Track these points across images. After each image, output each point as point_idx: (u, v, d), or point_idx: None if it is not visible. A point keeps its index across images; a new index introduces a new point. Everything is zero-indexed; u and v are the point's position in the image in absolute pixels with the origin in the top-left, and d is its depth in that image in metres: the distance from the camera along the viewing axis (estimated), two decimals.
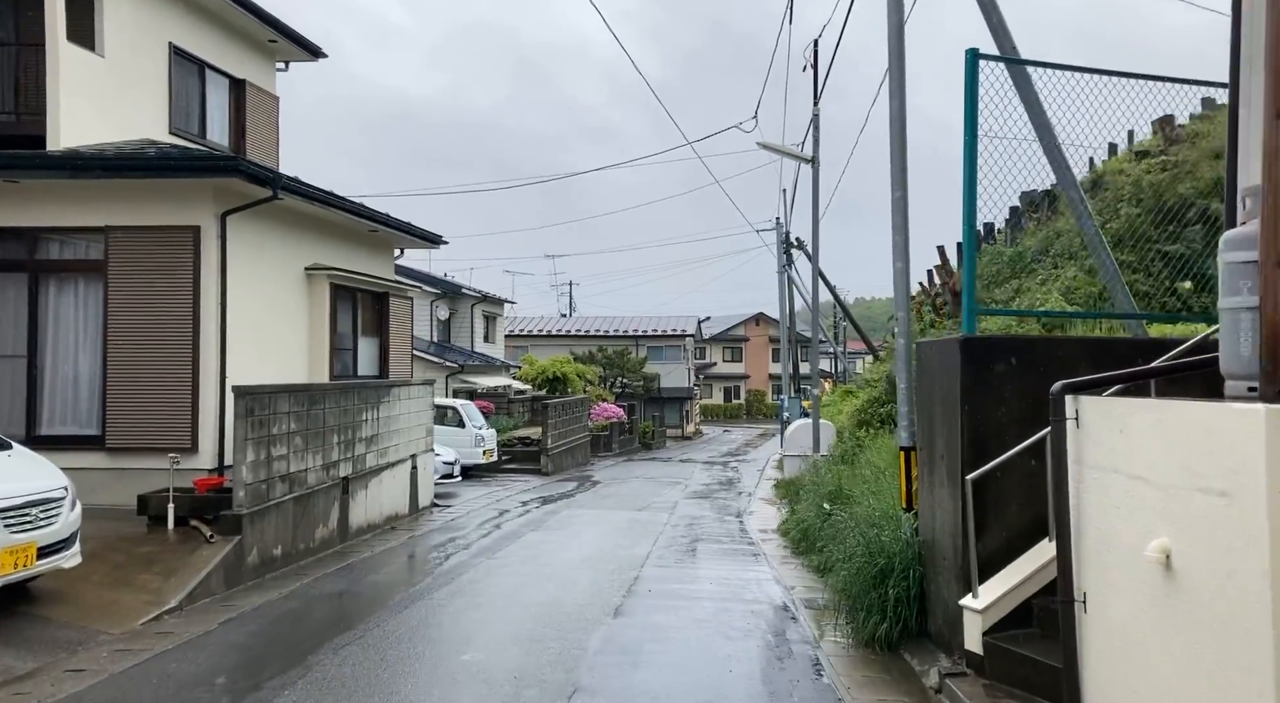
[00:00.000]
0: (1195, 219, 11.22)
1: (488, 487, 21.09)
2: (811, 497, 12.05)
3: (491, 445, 24.46)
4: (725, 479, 24.35)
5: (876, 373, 21.88)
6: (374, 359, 15.12)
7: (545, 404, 26.44)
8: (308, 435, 11.33)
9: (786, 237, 30.31)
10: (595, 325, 53.82)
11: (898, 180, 7.67)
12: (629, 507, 16.97)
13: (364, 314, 14.86)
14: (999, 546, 6.07)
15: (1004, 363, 6.20)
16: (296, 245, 13.15)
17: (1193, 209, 11.79)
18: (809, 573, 10.38)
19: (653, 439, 41.15)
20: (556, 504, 17.46)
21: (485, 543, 12.36)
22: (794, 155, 13.60)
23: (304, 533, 11.10)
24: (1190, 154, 16.46)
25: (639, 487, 21.51)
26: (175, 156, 10.63)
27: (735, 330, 77.89)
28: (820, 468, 13.27)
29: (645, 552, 11.57)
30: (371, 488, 13.45)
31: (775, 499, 19.29)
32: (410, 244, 16.64)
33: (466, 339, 38.81)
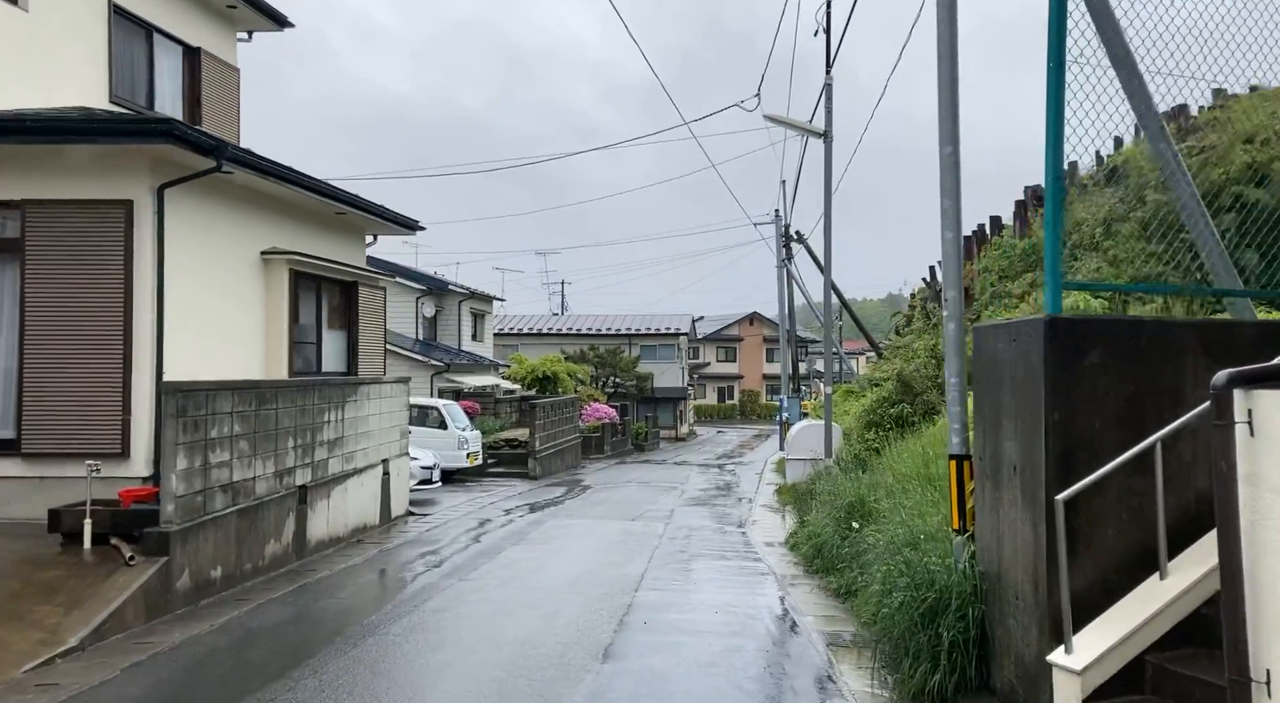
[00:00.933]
0: (1229, 206, 10.02)
1: (470, 493, 19.74)
2: (827, 508, 10.73)
3: (476, 448, 23.11)
4: (723, 484, 23.04)
5: (884, 371, 20.63)
6: (341, 354, 13.75)
7: (533, 404, 25.09)
8: (256, 439, 9.96)
9: (786, 230, 29.02)
10: (587, 324, 52.45)
11: (947, 133, 6.35)
12: (621, 516, 15.64)
13: (330, 305, 13.50)
14: (1093, 583, 4.77)
15: (1098, 351, 4.89)
16: (251, 227, 11.78)
17: (1223, 195, 10.59)
18: (828, 598, 9.07)
19: (646, 441, 39.83)
20: (543, 513, 16.12)
21: (460, 560, 11.01)
22: (804, 128, 12.34)
23: (250, 550, 9.74)
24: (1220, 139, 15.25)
25: (632, 492, 20.18)
26: (99, 119, 9.26)
27: (729, 330, 76.70)
28: (834, 475, 11.97)
29: (639, 571, 10.24)
30: (335, 497, 12.09)
31: (778, 506, 18.00)
32: (384, 230, 15.28)
33: (453, 337, 37.47)
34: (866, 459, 14.68)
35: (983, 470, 5.80)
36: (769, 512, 17.02)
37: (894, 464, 10.75)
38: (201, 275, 10.62)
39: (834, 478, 11.75)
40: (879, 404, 18.42)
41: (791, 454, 18.84)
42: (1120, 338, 4.93)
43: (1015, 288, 21.46)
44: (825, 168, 12.16)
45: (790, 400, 29.43)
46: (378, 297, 14.82)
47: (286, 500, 10.64)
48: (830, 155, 12.03)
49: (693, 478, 24.70)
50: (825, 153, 12.03)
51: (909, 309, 33.13)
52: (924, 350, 18.46)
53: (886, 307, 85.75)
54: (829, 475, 12.73)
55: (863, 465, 13.75)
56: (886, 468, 10.89)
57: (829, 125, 12.02)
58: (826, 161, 12.11)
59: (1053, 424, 4.82)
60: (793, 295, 30.13)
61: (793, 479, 18.76)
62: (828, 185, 12.21)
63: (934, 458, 9.96)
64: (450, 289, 37.03)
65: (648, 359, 48.79)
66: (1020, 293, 20.93)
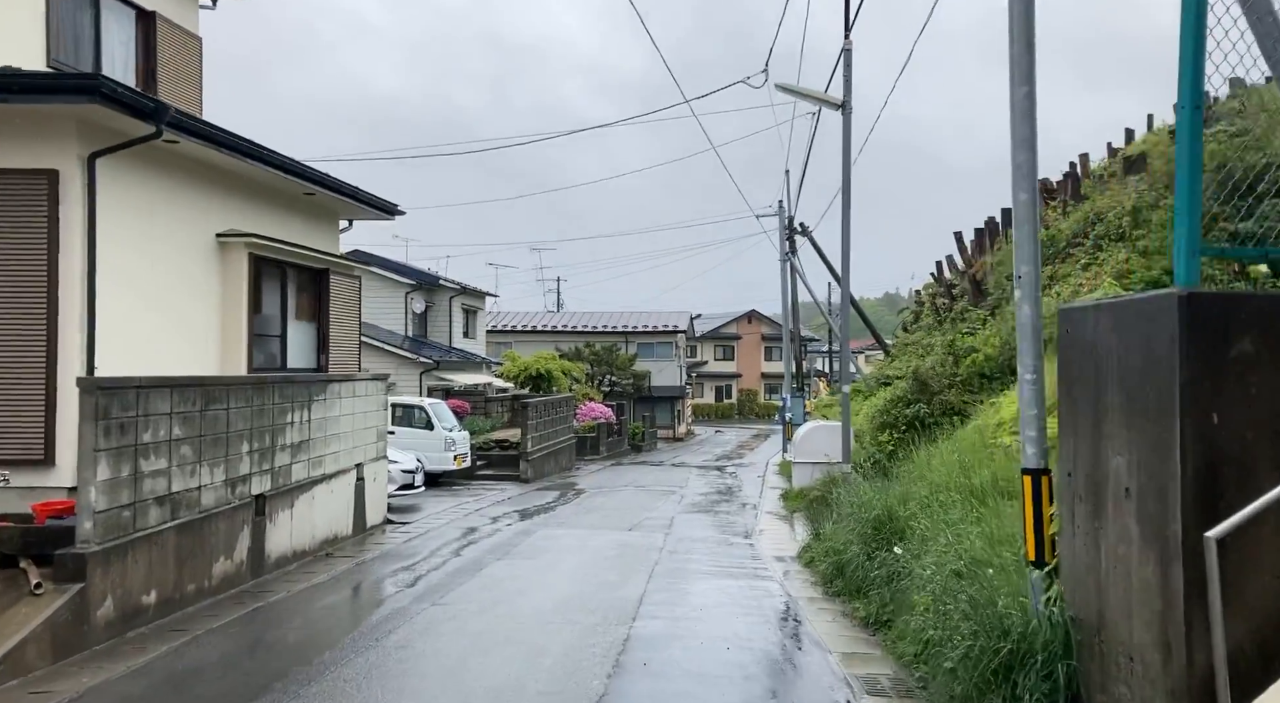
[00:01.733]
0: (1272, 191, 8.94)
1: (457, 497, 18.53)
2: (849, 522, 9.52)
3: (464, 449, 21.90)
4: (725, 488, 21.85)
5: (896, 368, 19.51)
6: (309, 348, 12.54)
7: (525, 403, 23.88)
8: (203, 443, 8.76)
9: (790, 222, 27.82)
10: (583, 321, 51.23)
11: (1022, 71, 5.14)
12: (617, 525, 14.44)
13: (297, 294, 12.29)
14: (1245, 648, 3.58)
15: (1253, 338, 3.69)
16: (206, 206, 10.57)
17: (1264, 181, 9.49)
18: (855, 629, 7.88)
19: (643, 441, 38.64)
20: (533, 521, 14.92)
21: (437, 578, 9.81)
22: (820, 98, 11.16)
23: (194, 571, 8.53)
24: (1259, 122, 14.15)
25: (629, 497, 18.99)
26: (9, 74, 8.03)
27: (727, 328, 75.58)
28: (855, 483, 10.77)
29: (638, 592, 9.05)
30: (300, 507, 10.88)
31: (785, 513, 16.83)
32: (360, 214, 14.06)
33: (444, 334, 36.31)
34: (885, 464, 13.52)
35: (1072, 490, 4.61)
36: (776, 520, 15.84)
37: (925, 472, 9.57)
38: (145, 258, 9.42)
39: (855, 487, 10.55)
40: (892, 404, 17.27)
41: (798, 457, 17.68)
42: None
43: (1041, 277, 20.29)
44: (844, 142, 10.98)
45: (793, 400, 28.24)
46: (352, 286, 13.60)
47: (240, 512, 9.43)
48: (849, 129, 10.87)
49: (692, 481, 23.51)
50: (844, 125, 10.85)
51: (916, 305, 32.00)
52: (941, 346, 17.30)
53: (884, 306, 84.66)
54: (847, 483, 11.53)
55: (884, 472, 12.59)
56: (917, 476, 9.71)
57: (848, 94, 10.84)
58: (845, 135, 10.94)
59: (1190, 434, 3.63)
60: (796, 291, 28.95)
61: (800, 484, 17.60)
62: (846, 162, 11.03)
63: (972, 465, 8.80)
64: (441, 284, 35.89)
65: (645, 357, 47.59)
66: None
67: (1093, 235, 19.51)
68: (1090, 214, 20.50)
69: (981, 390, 16.40)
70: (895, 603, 7.50)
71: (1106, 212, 19.69)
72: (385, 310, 34.67)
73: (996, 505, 7.37)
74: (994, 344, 16.35)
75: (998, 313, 18.88)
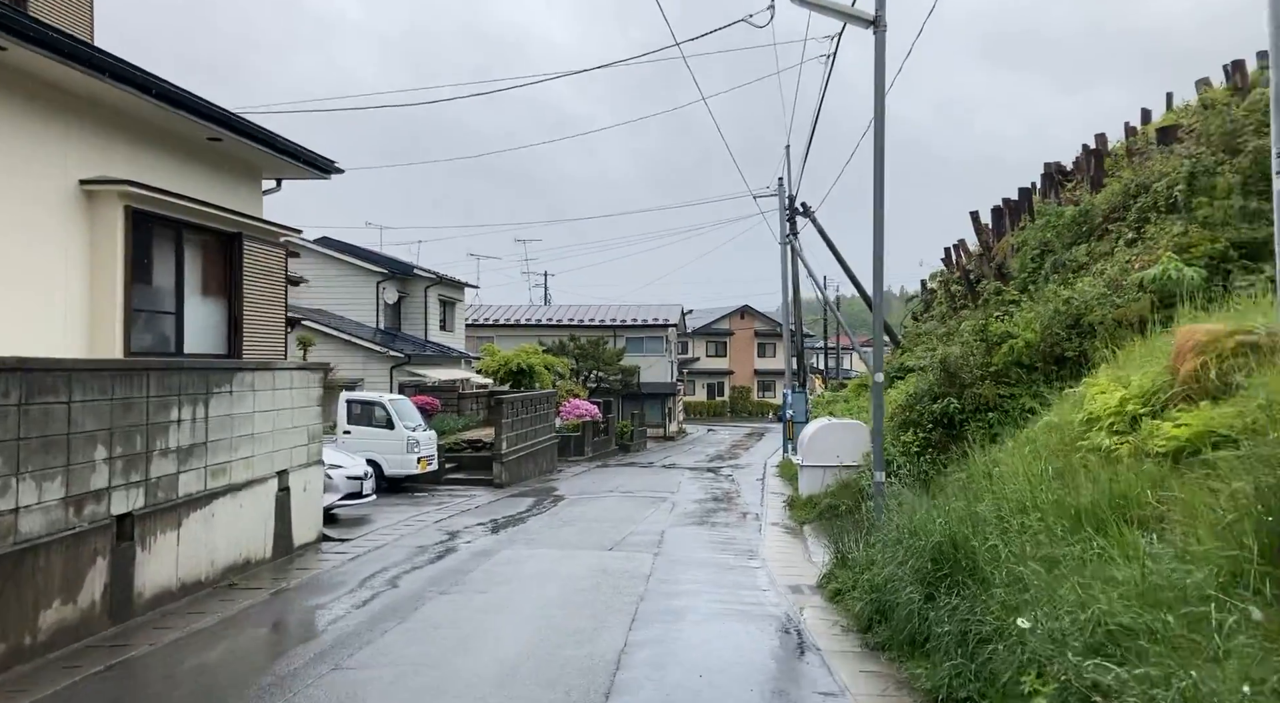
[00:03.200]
0: None
1: (418, 506, 16.24)
2: (895, 548, 7.23)
3: (430, 451, 19.59)
4: (721, 493, 19.59)
5: (916, 357, 17.31)
6: (216, 330, 10.22)
7: (499, 400, 21.57)
8: (27, 449, 6.45)
9: (791, 202, 25.56)
10: (569, 314, 48.94)
11: None
12: (597, 542, 12.17)
13: (200, 263, 9.98)
14: None
15: None
16: (62, 145, 8.26)
17: None
18: (915, 699, 5.64)
19: (631, 440, 36.36)
20: (498, 537, 12.63)
21: (355, 622, 7.53)
22: (847, 14, 8.91)
23: (11, 622, 6.23)
24: None
25: (613, 505, 16.72)
26: None
27: (719, 324, 73.51)
28: (900, 496, 8.46)
29: (616, 647, 6.77)
30: (191, 527, 8.59)
31: (793, 525, 14.61)
32: (289, 172, 11.73)
33: (419, 327, 34.04)
34: (926, 472, 11.32)
35: None
36: (784, 534, 13.60)
37: (988, 483, 7.33)
38: None
39: (899, 502, 8.27)
40: (916, 399, 15.07)
41: (807, 460, 15.46)
42: None
43: (1077, 256, 18.12)
44: (876, 70, 8.71)
45: (795, 396, 26.02)
46: (276, 258, 11.27)
47: (90, 539, 7.12)
48: (883, 53, 8.60)
49: (685, 486, 21.24)
50: (876, 49, 8.59)
51: (927, 293, 29.81)
52: (972, 331, 15.09)
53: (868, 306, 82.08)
54: (884, 495, 9.24)
55: (921, 480, 10.37)
56: (977, 488, 7.46)
57: (881, 9, 8.58)
58: (878, 60, 8.67)
59: None
60: (797, 277, 26.69)
61: (808, 490, 15.39)
62: (880, 93, 8.76)
63: (1066, 475, 6.59)
64: (416, 273, 33.62)
65: (634, 352, 45.31)
66: (1075, 269, 17.59)
67: (1135, 209, 17.38)
68: (1130, 186, 18.38)
69: (1019, 383, 14.21)
70: (980, 675, 5.26)
71: (1151, 182, 17.57)
72: (354, 301, 32.38)
73: (1121, 535, 5.16)
74: (1034, 329, 14.16)
75: (1033, 293, 16.68)
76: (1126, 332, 13.57)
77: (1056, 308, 14.30)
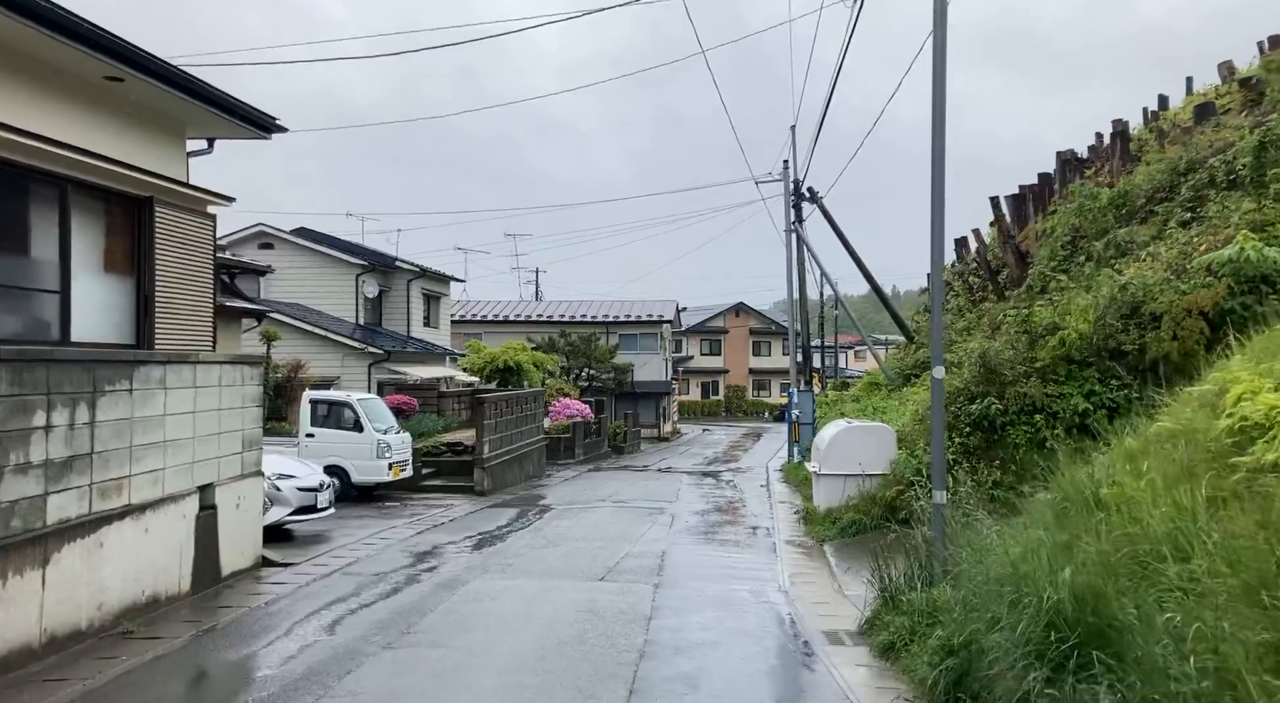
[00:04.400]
0: None
1: (386, 520, 14.39)
2: (982, 597, 5.39)
3: (403, 456, 17.74)
4: (725, 503, 17.77)
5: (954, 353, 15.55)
6: (120, 314, 8.32)
7: (481, 399, 19.70)
8: None
9: (796, 186, 23.74)
10: (561, 310, 47.07)
11: None
12: (586, 568, 10.33)
13: (95, 231, 8.08)
14: None
15: None
16: None
17: None
18: None
19: (625, 442, 34.53)
20: (471, 560, 10.79)
21: (265, 694, 5.68)
22: None
23: None
24: None
25: (605, 519, 14.88)
26: None
27: (714, 322, 71.83)
28: (981, 533, 6.59)
29: None
30: (66, 562, 6.73)
31: (810, 542, 12.83)
32: (219, 128, 9.82)
33: (402, 322, 32.18)
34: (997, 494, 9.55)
35: None
36: (803, 556, 11.80)
37: (1110, 515, 5.52)
38: None
39: (967, 529, 6.44)
40: (950, 399, 13.25)
41: (824, 468, 13.65)
42: None
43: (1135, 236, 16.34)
44: None
45: (802, 395, 24.21)
46: (202, 230, 9.38)
47: None
48: None
49: (684, 493, 19.42)
50: None
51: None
52: (1015, 321, 13.30)
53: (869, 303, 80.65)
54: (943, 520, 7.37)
55: (1007, 503, 8.59)
56: (1073, 517, 5.65)
57: None
58: None
59: None
60: (803, 266, 24.88)
61: (826, 502, 13.58)
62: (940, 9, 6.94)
63: (1212, 499, 4.80)
64: (398, 266, 31.77)
65: (627, 349, 43.49)
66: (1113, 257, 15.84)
67: (1186, 186, 15.63)
68: (1178, 164, 16.63)
69: (1069, 380, 12.44)
70: None
71: (1205, 157, 15.81)
72: (332, 295, 30.48)
73: None
74: (1088, 319, 12.39)
75: (1063, 284, 14.89)
76: (1196, 321, 11.83)
77: (1113, 295, 12.55)
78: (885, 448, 13.31)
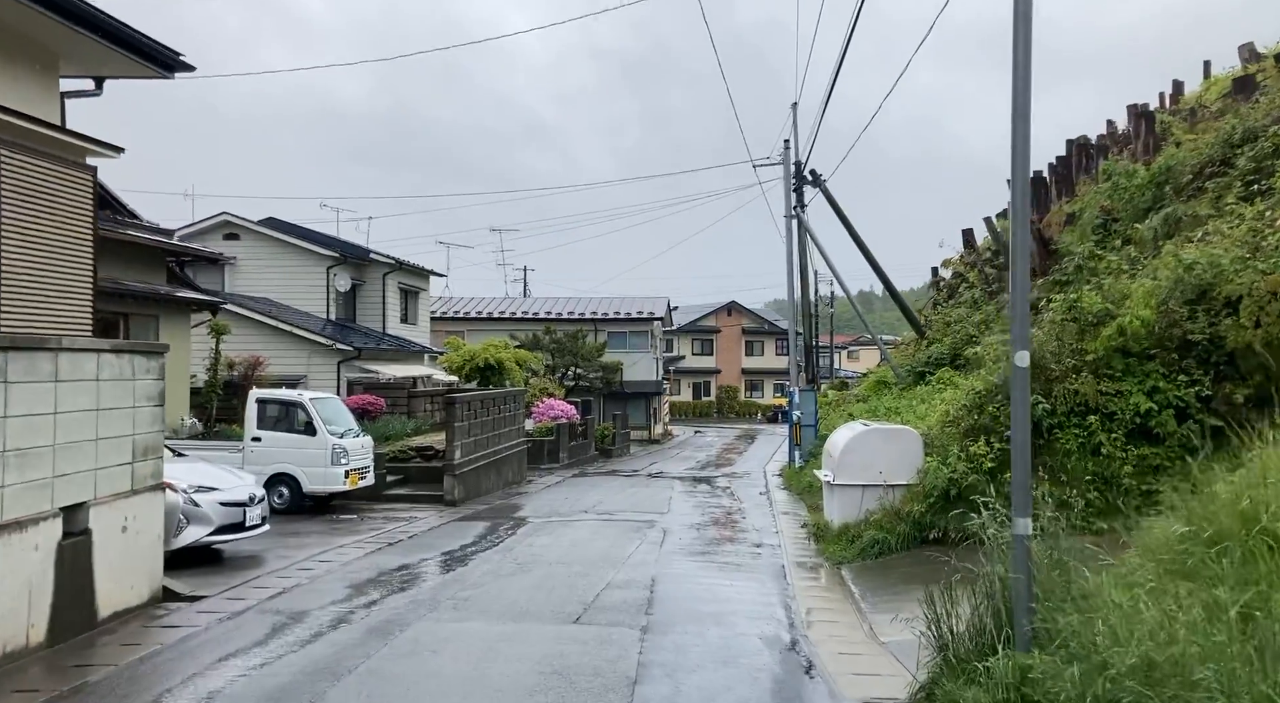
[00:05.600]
0: None
1: (335, 536, 12.54)
2: None
3: (363, 462, 15.88)
4: (722, 514, 15.94)
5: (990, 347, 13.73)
6: None
7: (452, 399, 17.83)
8: None
9: (798, 168, 21.94)
10: (547, 307, 45.21)
11: None
12: (559, 603, 8.49)
13: None
14: None
15: None
16: None
17: None
18: None
19: (613, 444, 32.68)
20: (421, 592, 8.94)
21: None
22: None
23: None
24: None
25: (587, 535, 13.04)
26: None
27: (705, 321, 70.14)
28: (1053, 561, 4.81)
29: None
30: None
31: (821, 562, 11.07)
32: (108, 63, 7.96)
33: (377, 318, 30.32)
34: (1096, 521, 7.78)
35: None
36: (819, 584, 10.00)
37: None
38: None
39: (1078, 585, 4.64)
40: (986, 397, 11.50)
41: (839, 477, 11.85)
42: None
43: (1143, 231, 14.60)
44: None
45: (804, 394, 22.40)
46: (76, 187, 7.50)
47: None
48: None
49: (676, 502, 17.60)
50: None
51: (953, 277, 26.25)
52: (1060, 307, 11.52)
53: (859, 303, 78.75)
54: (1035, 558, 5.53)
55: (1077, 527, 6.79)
56: None
57: None
58: None
59: None
60: (805, 256, 23.07)
61: (841, 517, 11.80)
62: None
63: None
64: (372, 258, 29.91)
65: (616, 347, 41.63)
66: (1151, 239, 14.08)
67: (1244, 158, 13.89)
68: (1232, 134, 14.90)
69: (1127, 376, 10.67)
70: None
71: (1268, 125, 14.09)
72: (303, 289, 28.55)
73: None
74: (1151, 305, 10.62)
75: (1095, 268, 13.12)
76: None
77: (1178, 276, 10.78)
78: (909, 454, 11.52)
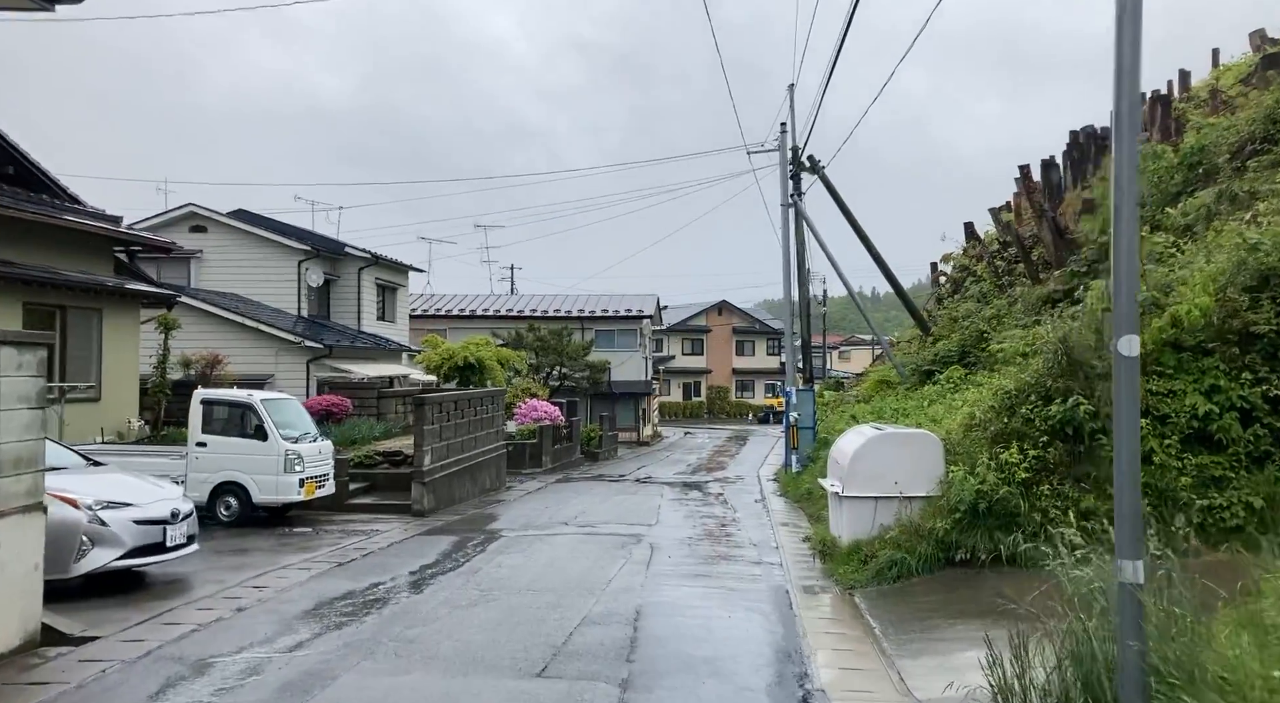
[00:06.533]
0: None
1: (280, 555, 11.11)
2: None
3: (322, 469, 14.42)
4: (716, 526, 14.56)
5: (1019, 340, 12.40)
6: None
7: (421, 400, 16.38)
8: None
9: (795, 154, 20.58)
10: (532, 304, 43.77)
11: None
12: (522, 646, 7.09)
13: None
14: None
15: None
16: None
17: None
18: None
19: (599, 447, 31.27)
20: (360, 628, 7.53)
21: None
22: None
23: None
24: None
25: (564, 553, 11.63)
26: None
27: (695, 320, 68.91)
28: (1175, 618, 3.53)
29: None
30: None
31: (829, 585, 9.70)
32: None
33: (352, 315, 28.88)
34: None
35: None
36: (828, 615, 8.62)
37: None
38: None
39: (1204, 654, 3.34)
40: (1018, 398, 10.13)
41: (850, 488, 10.47)
42: None
43: (1177, 217, 13.30)
44: None
45: (801, 394, 21.03)
46: None
47: None
48: None
49: (665, 512, 16.21)
50: None
51: (958, 270, 24.97)
52: (1098, 297, 10.17)
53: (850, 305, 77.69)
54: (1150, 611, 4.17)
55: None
56: None
57: None
58: None
59: None
60: (803, 247, 21.70)
61: (852, 533, 10.43)
62: None
63: None
64: (347, 253, 28.50)
65: (604, 346, 40.23)
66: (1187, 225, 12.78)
67: None
68: (1276, 110, 13.64)
69: (1180, 373, 9.33)
70: None
71: None
72: (273, 284, 27.06)
73: None
74: (1209, 291, 9.28)
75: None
76: None
77: (1240, 259, 9.46)
78: (928, 462, 10.17)
